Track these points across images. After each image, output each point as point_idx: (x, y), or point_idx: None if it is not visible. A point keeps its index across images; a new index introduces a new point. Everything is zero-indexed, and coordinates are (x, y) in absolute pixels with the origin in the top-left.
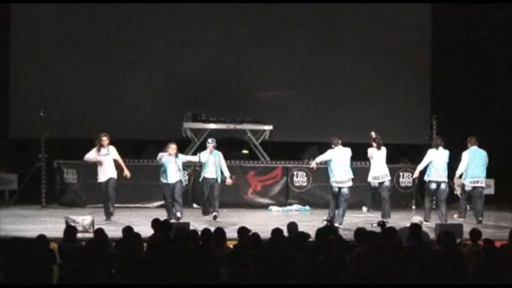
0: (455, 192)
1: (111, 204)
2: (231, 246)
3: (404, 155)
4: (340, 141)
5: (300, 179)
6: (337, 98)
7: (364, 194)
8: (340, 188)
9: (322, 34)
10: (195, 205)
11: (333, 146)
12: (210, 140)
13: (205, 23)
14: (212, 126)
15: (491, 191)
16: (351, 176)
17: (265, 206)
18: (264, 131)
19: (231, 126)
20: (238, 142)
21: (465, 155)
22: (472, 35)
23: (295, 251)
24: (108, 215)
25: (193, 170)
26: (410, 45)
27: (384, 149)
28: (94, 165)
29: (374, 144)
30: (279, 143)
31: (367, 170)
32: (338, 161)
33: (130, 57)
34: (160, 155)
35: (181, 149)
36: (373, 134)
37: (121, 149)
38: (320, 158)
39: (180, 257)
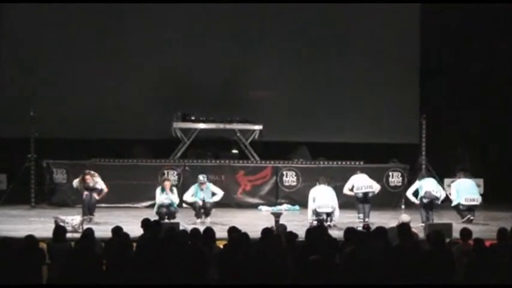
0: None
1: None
2: (221, 246)
3: (394, 154)
4: (325, 182)
5: (290, 178)
6: (327, 98)
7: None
8: (326, 214)
9: (311, 35)
10: (184, 205)
11: (317, 183)
12: (201, 178)
13: (196, 24)
14: (202, 126)
15: (480, 190)
16: (333, 205)
17: (254, 206)
18: (254, 130)
19: (221, 126)
20: (228, 142)
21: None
22: (461, 35)
23: (284, 250)
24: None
25: (183, 169)
26: (400, 45)
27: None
28: (83, 166)
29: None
30: (268, 142)
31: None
32: (320, 195)
33: (120, 57)
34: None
35: (171, 149)
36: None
37: (110, 148)
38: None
39: (169, 257)
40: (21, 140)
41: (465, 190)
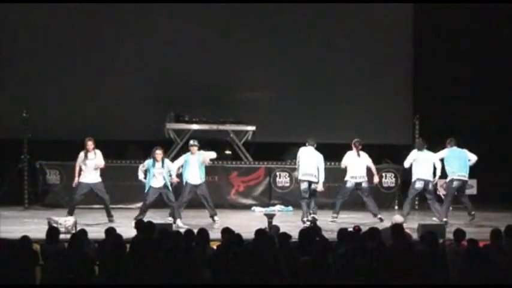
0: (437, 193)
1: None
2: (214, 247)
3: (387, 155)
4: (313, 144)
5: (283, 179)
6: (320, 98)
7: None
8: (309, 182)
9: (304, 35)
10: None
11: (306, 144)
12: (191, 141)
13: (188, 24)
14: (195, 126)
15: (473, 191)
16: (317, 175)
17: (248, 207)
18: (247, 131)
19: (214, 127)
20: (221, 143)
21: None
22: (453, 35)
23: (277, 251)
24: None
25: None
26: (392, 45)
27: (363, 154)
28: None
29: (353, 147)
30: (261, 143)
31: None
32: (304, 158)
33: (113, 58)
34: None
35: (165, 150)
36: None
37: (103, 149)
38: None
39: (163, 258)
40: (14, 141)
41: (458, 162)
